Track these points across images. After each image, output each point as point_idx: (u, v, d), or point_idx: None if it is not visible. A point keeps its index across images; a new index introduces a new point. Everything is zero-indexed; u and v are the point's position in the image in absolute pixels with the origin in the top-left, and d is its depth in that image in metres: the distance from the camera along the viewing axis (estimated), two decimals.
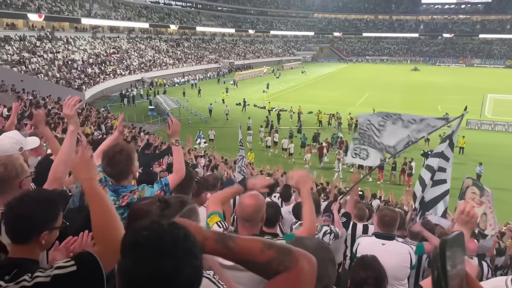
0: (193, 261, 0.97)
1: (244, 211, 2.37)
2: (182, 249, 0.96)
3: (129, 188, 2.62)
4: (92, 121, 19.33)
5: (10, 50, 35.13)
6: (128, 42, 55.77)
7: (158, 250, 0.94)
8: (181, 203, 1.78)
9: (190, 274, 0.96)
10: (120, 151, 2.59)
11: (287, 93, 45.71)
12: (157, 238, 0.96)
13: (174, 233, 0.98)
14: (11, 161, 2.18)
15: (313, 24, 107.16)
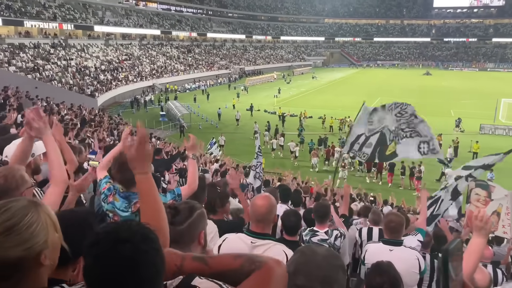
0: (150, 243, 1.05)
1: (257, 212, 2.49)
2: (139, 234, 1.05)
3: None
4: (105, 127, 19.55)
5: (25, 58, 35.81)
6: (140, 49, 56.43)
7: (116, 239, 1.02)
8: (190, 209, 1.80)
9: (150, 256, 1.04)
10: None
11: (298, 98, 45.68)
12: (113, 229, 1.06)
13: (129, 223, 1.09)
14: (11, 172, 2.15)
15: (323, 29, 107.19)
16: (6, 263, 1.11)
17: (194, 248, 1.78)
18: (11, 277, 1.13)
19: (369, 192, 15.35)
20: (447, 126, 27.88)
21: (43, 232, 1.19)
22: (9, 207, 1.17)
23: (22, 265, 1.14)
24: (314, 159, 22.11)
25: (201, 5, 78.91)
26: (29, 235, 1.15)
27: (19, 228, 1.14)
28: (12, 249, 1.12)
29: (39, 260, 1.18)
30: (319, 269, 1.37)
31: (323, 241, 3.95)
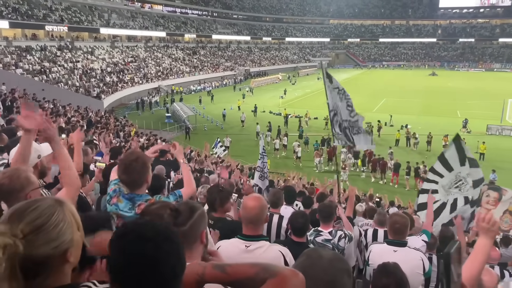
0: (172, 244, 1.14)
1: (249, 213, 2.51)
2: (162, 234, 1.13)
3: (144, 197, 2.65)
4: (111, 128, 19.65)
5: (32, 60, 36.11)
6: (145, 51, 56.69)
7: (141, 236, 1.11)
8: (191, 210, 1.83)
9: (171, 256, 1.12)
10: (136, 159, 2.62)
11: (303, 99, 45.64)
12: (139, 226, 1.15)
13: (155, 224, 1.17)
14: (15, 173, 2.15)
15: (328, 30, 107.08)
16: (35, 262, 1.13)
17: (196, 247, 1.81)
18: (38, 275, 1.15)
19: (375, 193, 15.30)
20: (454, 127, 27.70)
21: (69, 231, 1.22)
22: (36, 206, 1.19)
23: (49, 263, 1.17)
24: (316, 159, 22.25)
25: (206, 7, 79.15)
26: (56, 234, 1.18)
27: (47, 227, 1.16)
28: (41, 247, 1.14)
29: (65, 258, 1.21)
30: (324, 273, 1.38)
31: (326, 241, 3.96)
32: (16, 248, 1.09)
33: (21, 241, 1.11)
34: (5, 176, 2.11)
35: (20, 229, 1.12)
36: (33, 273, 1.14)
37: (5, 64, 32.28)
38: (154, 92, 45.27)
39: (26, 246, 1.11)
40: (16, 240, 1.10)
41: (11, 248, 1.09)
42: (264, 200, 2.59)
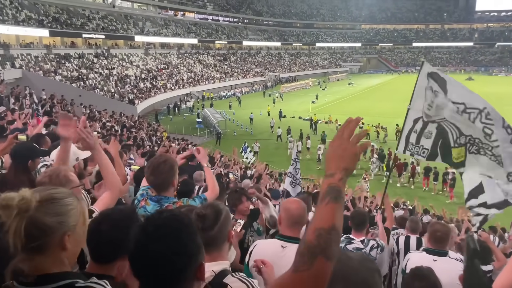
0: (193, 237, 1.21)
1: (292, 215, 2.55)
2: (185, 231, 1.20)
3: (171, 199, 2.71)
4: (144, 133, 20.15)
5: (70, 67, 37.61)
6: (177, 58, 57.88)
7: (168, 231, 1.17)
8: (217, 213, 1.86)
9: (192, 249, 1.19)
10: (164, 161, 2.70)
11: (334, 105, 45.20)
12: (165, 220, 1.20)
13: (179, 218, 1.23)
14: (55, 172, 2.28)
15: (360, 35, 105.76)
16: (38, 227, 1.24)
17: (224, 247, 1.87)
18: (39, 239, 1.25)
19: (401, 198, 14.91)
20: None
21: (75, 217, 1.34)
22: (58, 187, 1.40)
23: (49, 234, 1.27)
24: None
25: (237, 14, 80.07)
26: (65, 211, 1.31)
27: (61, 202, 1.31)
28: (48, 216, 1.26)
29: (63, 241, 1.30)
30: (356, 274, 1.37)
31: (357, 250, 3.88)
32: (29, 203, 1.22)
33: (35, 202, 1.24)
34: (45, 175, 2.26)
35: (39, 195, 1.27)
36: (35, 237, 1.24)
37: (45, 71, 33.79)
38: (186, 98, 46.13)
39: (37, 209, 1.24)
40: (32, 199, 1.23)
41: (25, 202, 1.22)
42: (304, 204, 2.64)
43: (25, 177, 2.89)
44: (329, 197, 1.17)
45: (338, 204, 1.16)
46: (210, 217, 1.83)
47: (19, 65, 32.30)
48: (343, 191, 1.20)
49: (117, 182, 2.46)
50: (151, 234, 1.16)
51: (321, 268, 1.09)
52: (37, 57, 35.78)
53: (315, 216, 1.16)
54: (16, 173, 2.91)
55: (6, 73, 28.10)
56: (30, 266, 1.26)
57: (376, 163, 21.98)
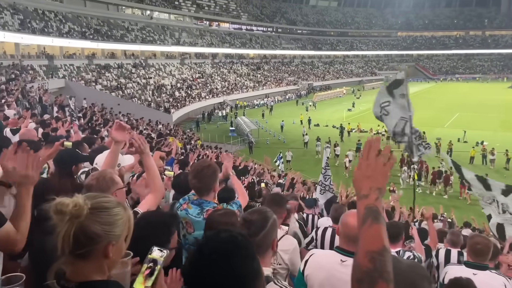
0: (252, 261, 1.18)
1: (349, 230, 2.42)
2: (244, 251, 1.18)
3: (212, 204, 2.77)
4: (179, 141, 20.55)
5: (110, 77, 39.08)
6: (212, 67, 58.88)
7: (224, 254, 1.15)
8: (264, 219, 1.86)
9: (248, 274, 1.16)
10: (208, 166, 2.79)
11: (368, 113, 44.38)
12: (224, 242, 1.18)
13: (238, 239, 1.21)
14: (101, 175, 2.41)
15: (396, 43, 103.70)
16: (86, 234, 1.28)
17: (268, 254, 1.84)
18: (85, 247, 1.28)
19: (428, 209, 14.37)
20: None
21: (120, 227, 1.36)
22: (108, 196, 1.43)
23: (95, 242, 1.30)
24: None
25: (271, 23, 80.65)
26: (113, 221, 1.34)
27: (109, 211, 1.34)
28: (96, 224, 1.29)
29: (107, 250, 1.32)
30: (405, 277, 1.33)
31: None
32: (81, 210, 1.26)
33: (87, 209, 1.28)
34: (93, 178, 2.38)
35: (90, 203, 1.30)
36: (81, 244, 1.27)
37: (86, 80, 35.27)
38: (219, 107, 46.78)
39: (87, 216, 1.27)
40: (84, 205, 1.27)
41: (78, 209, 1.26)
42: None
43: (68, 182, 3.03)
44: (370, 218, 1.16)
45: (381, 224, 1.16)
46: (257, 223, 1.83)
47: (62, 75, 33.92)
48: (381, 210, 1.19)
49: (161, 186, 2.61)
50: (207, 257, 1.15)
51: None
52: (79, 67, 37.43)
53: (362, 240, 1.16)
54: (60, 178, 3.04)
55: (51, 82, 29.57)
56: (71, 270, 1.30)
57: (406, 173, 21.44)
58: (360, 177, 1.25)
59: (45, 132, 7.41)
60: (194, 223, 2.67)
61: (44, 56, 34.89)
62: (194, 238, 2.67)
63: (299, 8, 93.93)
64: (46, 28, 36.98)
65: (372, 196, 1.20)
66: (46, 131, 7.63)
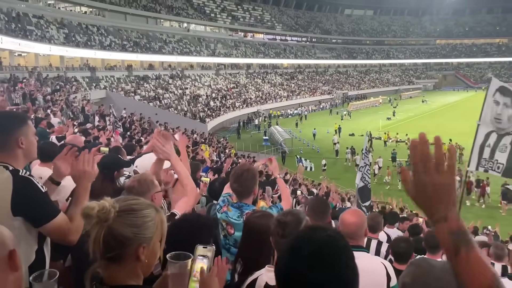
0: (352, 261, 1.06)
1: (347, 229, 2.50)
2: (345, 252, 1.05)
3: (251, 207, 2.84)
4: (214, 149, 20.89)
5: (148, 88, 40.33)
6: (246, 77, 59.53)
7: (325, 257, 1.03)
8: (298, 221, 1.89)
9: (350, 277, 1.04)
10: (247, 169, 2.87)
11: (406, 123, 43.33)
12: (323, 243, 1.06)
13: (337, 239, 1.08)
14: (142, 177, 2.53)
15: (434, 51, 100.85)
16: (115, 238, 1.28)
17: None
18: (115, 250, 1.29)
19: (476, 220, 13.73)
20: None
21: (151, 230, 1.35)
22: (138, 199, 1.41)
23: (125, 245, 1.30)
24: (386, 177, 23.28)
25: (305, 33, 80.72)
26: (141, 223, 1.33)
27: (138, 213, 1.33)
28: (125, 227, 1.30)
29: (138, 253, 1.32)
30: (438, 281, 1.31)
31: None
32: (108, 213, 1.26)
33: (114, 212, 1.28)
34: (135, 180, 2.51)
35: (119, 206, 1.30)
36: (110, 249, 1.28)
37: (126, 91, 36.58)
38: (253, 117, 47.13)
39: (115, 220, 1.28)
40: (111, 209, 1.27)
41: (105, 212, 1.26)
42: (363, 216, 2.59)
43: (110, 186, 3.17)
44: (464, 247, 0.97)
45: (476, 250, 0.97)
46: (291, 224, 1.85)
47: (103, 86, 35.35)
48: (467, 231, 1.01)
49: (194, 189, 2.65)
50: (305, 260, 1.02)
51: None
52: (119, 78, 38.89)
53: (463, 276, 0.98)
54: (103, 183, 3.18)
55: (92, 93, 30.91)
56: (107, 274, 1.32)
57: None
58: (424, 197, 1.02)
59: (86, 140, 7.76)
60: (234, 225, 2.74)
61: (87, 68, 36.55)
62: (234, 239, 2.73)
63: (334, 18, 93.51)
64: (89, 42, 38.78)
65: (451, 215, 1.00)
66: (87, 139, 7.99)
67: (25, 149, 2.03)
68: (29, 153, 2.08)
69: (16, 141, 1.99)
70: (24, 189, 1.90)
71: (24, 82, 21.42)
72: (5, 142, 1.98)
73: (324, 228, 1.12)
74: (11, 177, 1.90)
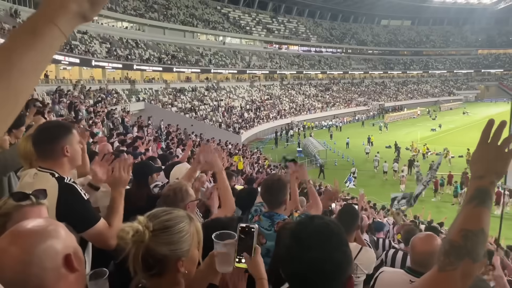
0: (346, 247, 1.22)
1: (417, 255, 2.41)
2: (339, 237, 1.23)
3: (282, 216, 2.87)
4: (247, 160, 21.03)
5: (184, 99, 41.30)
6: (280, 89, 59.71)
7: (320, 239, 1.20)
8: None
9: (342, 259, 1.19)
10: (278, 179, 2.92)
11: (446, 135, 41.88)
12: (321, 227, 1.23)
13: (331, 226, 1.24)
14: (178, 186, 2.62)
15: (476, 61, 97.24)
16: (153, 257, 1.31)
17: None
18: (154, 268, 1.32)
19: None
20: None
21: (188, 242, 1.37)
22: (171, 211, 1.42)
23: (164, 265, 1.33)
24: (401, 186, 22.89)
25: (340, 44, 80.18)
26: (177, 239, 1.34)
27: (172, 230, 1.34)
28: (161, 245, 1.31)
29: (177, 266, 1.34)
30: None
31: None
32: (143, 236, 1.28)
33: (149, 233, 1.29)
34: (170, 189, 2.61)
35: (153, 224, 1.31)
36: (149, 266, 1.31)
37: (163, 103, 37.61)
38: (287, 128, 47.13)
39: (151, 239, 1.29)
40: (146, 230, 1.29)
41: (139, 235, 1.28)
42: (436, 241, 2.41)
43: (144, 192, 3.30)
44: (477, 200, 1.15)
45: (487, 208, 1.14)
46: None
47: (142, 98, 36.53)
48: (493, 194, 1.18)
49: (232, 203, 2.74)
50: (303, 241, 1.19)
51: (468, 269, 1.10)
52: (157, 90, 40.07)
53: (461, 217, 1.16)
54: (138, 188, 3.32)
55: (132, 105, 31.98)
56: (149, 285, 1.37)
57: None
58: (478, 158, 1.22)
59: (127, 151, 8.06)
60: (266, 235, 2.77)
61: (127, 81, 37.94)
62: (266, 249, 2.76)
63: (370, 28, 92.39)
64: (129, 55, 40.30)
65: (487, 178, 1.17)
66: (128, 149, 8.29)
67: (70, 157, 2.15)
68: (74, 161, 2.21)
69: (62, 150, 2.11)
70: (69, 196, 2.02)
71: (68, 94, 22.51)
72: (52, 150, 2.11)
73: (321, 217, 1.29)
74: (57, 184, 2.03)
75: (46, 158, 2.12)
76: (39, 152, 2.14)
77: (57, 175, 2.07)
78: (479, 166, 1.20)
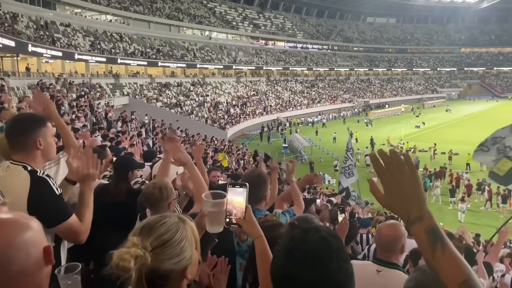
0: (347, 264, 1.06)
1: (381, 240, 2.47)
2: (339, 254, 1.05)
3: (263, 212, 2.82)
4: (234, 156, 20.97)
5: (170, 95, 40.93)
6: (266, 85, 59.71)
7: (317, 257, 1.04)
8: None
9: (342, 278, 1.04)
10: (257, 176, 2.86)
11: (428, 132, 42.50)
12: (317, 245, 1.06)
13: (330, 241, 1.07)
14: (163, 184, 2.56)
15: (459, 59, 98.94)
16: (158, 275, 1.21)
17: None
18: (161, 285, 1.22)
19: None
20: None
21: (189, 248, 1.27)
22: (164, 221, 1.27)
23: (170, 278, 1.23)
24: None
25: (326, 41, 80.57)
26: (179, 250, 1.24)
27: (172, 243, 1.23)
28: (165, 262, 1.21)
29: (184, 274, 1.26)
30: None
31: None
32: (145, 260, 1.16)
33: (149, 253, 1.17)
34: (155, 187, 2.54)
35: (149, 243, 1.19)
36: (155, 285, 1.21)
37: (148, 98, 37.21)
38: (273, 124, 47.21)
39: (153, 259, 1.18)
40: (146, 253, 1.16)
41: (141, 259, 1.15)
42: (401, 229, 2.47)
43: (124, 186, 3.23)
44: (438, 243, 1.01)
45: (450, 245, 1.00)
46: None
47: (126, 92, 36.07)
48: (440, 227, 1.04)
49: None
50: (298, 261, 1.03)
51: None
52: (142, 85, 39.62)
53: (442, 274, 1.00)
54: (117, 183, 3.25)
55: (116, 100, 31.54)
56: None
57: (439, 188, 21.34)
58: (398, 201, 1.06)
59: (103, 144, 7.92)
60: None
61: (111, 75, 37.39)
62: (247, 245, 2.71)
63: (356, 26, 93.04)
64: (114, 49, 39.71)
65: (426, 215, 1.04)
66: (111, 144, 8.15)
67: (43, 150, 2.09)
68: (47, 154, 2.13)
69: (34, 142, 2.04)
70: (40, 189, 1.96)
71: (50, 88, 22.06)
72: (24, 142, 2.04)
73: (317, 229, 1.11)
74: (29, 177, 1.96)
75: (18, 150, 2.05)
76: (12, 144, 2.06)
77: (29, 168, 2.00)
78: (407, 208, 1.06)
